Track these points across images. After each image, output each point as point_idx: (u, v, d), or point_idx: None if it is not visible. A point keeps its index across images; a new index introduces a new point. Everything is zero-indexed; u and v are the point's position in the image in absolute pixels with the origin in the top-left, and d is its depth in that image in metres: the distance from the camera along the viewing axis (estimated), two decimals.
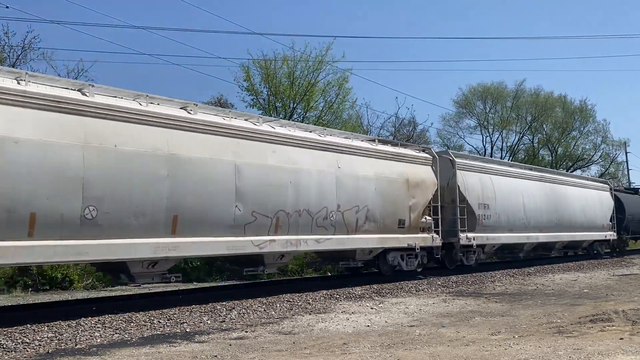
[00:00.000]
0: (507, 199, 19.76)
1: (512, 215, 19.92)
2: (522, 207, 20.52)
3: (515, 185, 20.65)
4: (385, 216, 14.72)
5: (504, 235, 19.55)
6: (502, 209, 19.34)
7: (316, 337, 8.05)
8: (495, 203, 19.02)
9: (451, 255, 17.83)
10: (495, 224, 19.01)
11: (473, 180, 18.43)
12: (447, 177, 17.54)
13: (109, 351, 7.17)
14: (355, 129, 26.46)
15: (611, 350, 6.46)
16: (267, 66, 24.69)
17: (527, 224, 20.71)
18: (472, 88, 43.08)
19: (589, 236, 25.40)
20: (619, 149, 49.29)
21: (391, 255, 15.37)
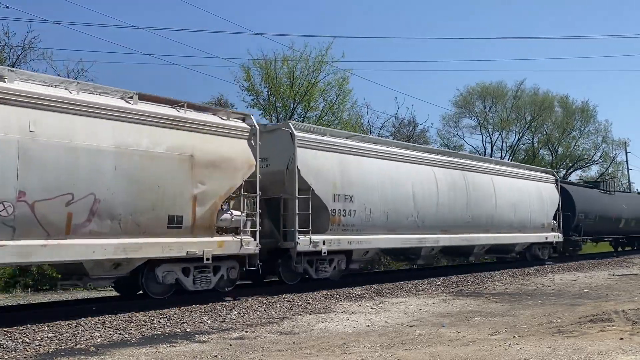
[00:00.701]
0: (385, 189, 14.98)
1: (394, 211, 15.12)
2: (412, 200, 15.73)
3: (400, 172, 15.75)
4: (138, 211, 10.00)
5: (380, 238, 14.74)
6: (375, 202, 14.63)
7: (316, 337, 8.05)
8: (363, 194, 14.30)
9: (290, 266, 13.32)
10: (364, 223, 14.32)
11: (327, 163, 13.75)
12: (288, 157, 13.21)
13: (109, 351, 7.17)
14: (356, 130, 26.47)
15: (611, 350, 6.46)
16: (267, 66, 24.71)
17: (420, 222, 15.96)
18: (471, 88, 43.11)
19: (522, 238, 20.76)
20: (619, 149, 49.34)
21: (162, 270, 10.72)
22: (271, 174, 13.24)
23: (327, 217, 13.53)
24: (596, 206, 27.25)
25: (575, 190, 26.23)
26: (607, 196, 29.20)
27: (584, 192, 27.33)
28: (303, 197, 13.03)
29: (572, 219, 24.76)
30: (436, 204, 16.65)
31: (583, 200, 25.99)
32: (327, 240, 13.41)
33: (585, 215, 25.71)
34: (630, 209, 30.64)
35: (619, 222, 29.39)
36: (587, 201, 26.62)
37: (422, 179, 16.43)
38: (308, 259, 13.43)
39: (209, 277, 11.49)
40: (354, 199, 14.10)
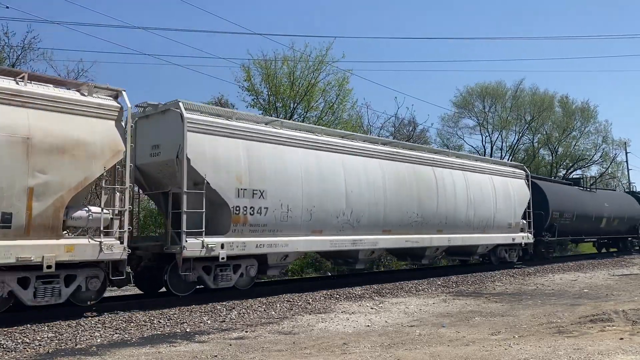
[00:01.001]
0: (310, 183, 12.97)
1: (320, 209, 13.08)
2: (344, 196, 13.68)
3: (331, 164, 13.65)
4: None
5: (302, 240, 12.71)
6: (296, 198, 12.61)
7: (316, 337, 8.05)
8: (279, 189, 12.33)
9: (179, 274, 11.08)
10: (280, 223, 12.31)
11: (229, 151, 11.65)
12: (178, 143, 11.06)
13: (109, 351, 7.18)
14: (356, 130, 26.46)
15: (611, 350, 6.46)
16: (268, 66, 24.68)
17: (354, 222, 13.89)
18: (471, 88, 43.06)
19: (484, 239, 18.58)
20: (619, 149, 49.32)
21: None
22: (162, 164, 11.30)
23: (229, 215, 11.46)
24: (573, 204, 25.04)
25: (548, 187, 24.06)
26: (587, 194, 27.31)
27: (559, 189, 25.20)
28: (195, 191, 10.97)
29: (545, 218, 22.60)
30: (376, 201, 14.51)
31: (558, 197, 23.86)
32: (227, 243, 11.32)
33: (560, 214, 23.65)
34: (613, 208, 28.50)
35: (599, 221, 27.32)
36: (563, 199, 24.44)
37: (359, 172, 14.25)
38: (204, 265, 11.41)
39: (58, 288, 9.27)
40: (266, 195, 12.09)
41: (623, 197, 31.81)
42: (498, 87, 42.35)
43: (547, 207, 22.66)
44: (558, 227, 23.26)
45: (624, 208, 30.09)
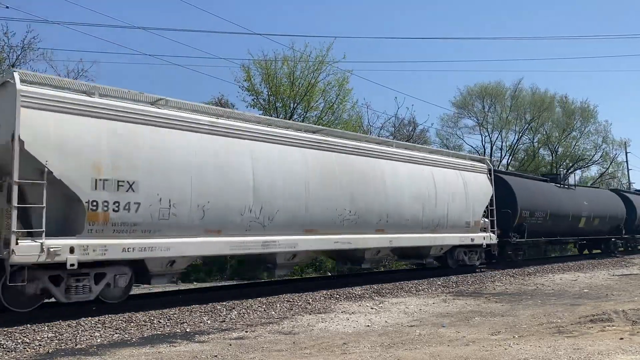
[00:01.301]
0: (204, 174, 10.95)
1: (217, 205, 11.08)
2: (251, 190, 11.66)
3: (232, 151, 11.61)
4: None
5: (191, 242, 10.70)
6: (182, 192, 10.57)
7: (316, 337, 8.05)
8: (158, 181, 10.25)
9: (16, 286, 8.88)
10: (158, 221, 10.20)
11: (84, 134, 9.52)
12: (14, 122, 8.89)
13: (109, 351, 7.18)
14: (356, 130, 26.46)
15: (611, 350, 6.46)
16: (268, 66, 24.69)
17: (265, 220, 11.85)
18: (470, 88, 43.09)
19: (436, 240, 16.41)
20: (619, 149, 49.35)
21: None
22: (2, 148, 9.17)
23: (83, 212, 9.31)
24: (547, 202, 22.82)
25: (517, 182, 21.69)
26: (564, 191, 25.28)
27: (531, 186, 22.80)
28: (32, 182, 8.88)
29: (513, 217, 20.43)
30: (296, 196, 12.48)
31: (528, 195, 21.70)
32: (79, 246, 9.17)
33: (530, 212, 21.44)
34: (593, 207, 26.49)
35: (577, 221, 25.35)
36: (535, 196, 22.22)
37: (273, 162, 12.23)
38: (52, 274, 9.30)
39: None
40: (137, 187, 9.92)
41: (606, 196, 29.92)
42: (497, 87, 42.38)
43: (515, 205, 20.58)
44: (528, 227, 21.17)
45: (606, 207, 28.20)
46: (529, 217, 21.38)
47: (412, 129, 33.32)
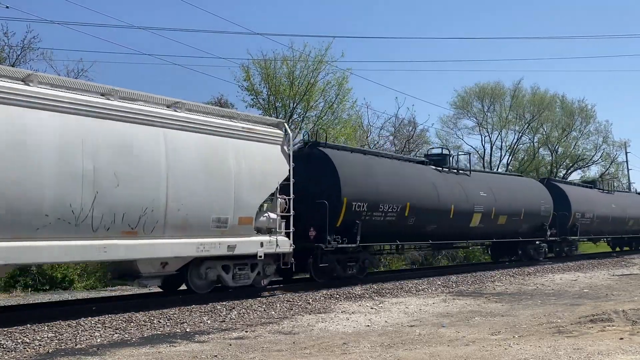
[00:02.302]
0: None
1: None
2: None
3: None
4: None
5: None
6: None
7: (316, 337, 8.05)
8: None
9: None
10: None
11: None
12: None
13: (109, 351, 7.18)
14: (356, 130, 26.46)
15: (611, 350, 6.46)
16: (267, 66, 24.69)
17: None
18: (469, 88, 43.07)
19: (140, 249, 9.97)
20: (619, 149, 49.34)
21: None
22: None
23: None
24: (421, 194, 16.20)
25: (350, 168, 14.37)
26: (452, 177, 18.34)
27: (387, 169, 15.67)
28: None
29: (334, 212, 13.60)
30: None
31: (368, 184, 14.60)
32: None
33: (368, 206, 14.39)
34: (490, 198, 19.32)
35: (469, 219, 18.38)
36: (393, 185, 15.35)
37: None
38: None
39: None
40: None
41: (523, 185, 23.14)
42: (497, 87, 42.37)
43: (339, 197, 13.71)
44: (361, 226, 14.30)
45: (521, 200, 21.20)
46: (367, 214, 14.47)
47: (412, 129, 33.32)
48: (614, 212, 28.63)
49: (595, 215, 26.50)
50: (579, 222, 25.13)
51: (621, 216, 29.34)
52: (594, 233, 27.58)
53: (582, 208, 25.43)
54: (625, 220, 29.89)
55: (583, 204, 25.69)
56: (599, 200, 27.91)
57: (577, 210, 24.91)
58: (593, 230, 26.95)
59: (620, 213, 29.28)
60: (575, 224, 24.90)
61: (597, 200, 27.56)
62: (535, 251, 23.10)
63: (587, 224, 25.90)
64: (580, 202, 25.52)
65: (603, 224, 27.52)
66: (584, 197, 26.45)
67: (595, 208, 26.68)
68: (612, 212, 28.45)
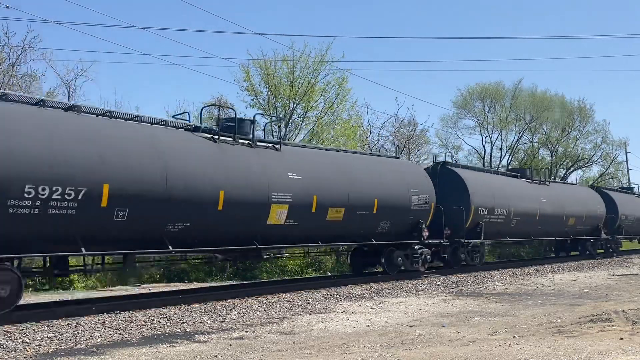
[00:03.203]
0: None
1: None
2: None
3: None
4: None
5: None
6: None
7: (316, 337, 8.05)
8: None
9: None
10: None
11: None
12: None
13: (109, 351, 7.18)
14: (356, 130, 26.44)
15: (611, 350, 6.46)
16: (267, 66, 24.68)
17: None
18: (470, 88, 43.04)
19: None
20: (619, 148, 49.32)
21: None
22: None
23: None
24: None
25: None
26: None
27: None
28: None
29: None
30: None
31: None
32: None
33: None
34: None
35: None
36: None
37: None
38: None
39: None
40: None
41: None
42: (497, 87, 42.36)
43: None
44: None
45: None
46: None
47: (412, 129, 33.30)
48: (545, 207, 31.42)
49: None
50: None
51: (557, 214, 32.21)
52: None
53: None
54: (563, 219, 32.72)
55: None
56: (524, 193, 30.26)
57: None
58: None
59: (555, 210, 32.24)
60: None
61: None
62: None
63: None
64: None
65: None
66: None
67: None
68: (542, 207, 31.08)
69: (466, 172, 19.93)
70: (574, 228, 25.32)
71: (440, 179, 18.37)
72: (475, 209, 18.79)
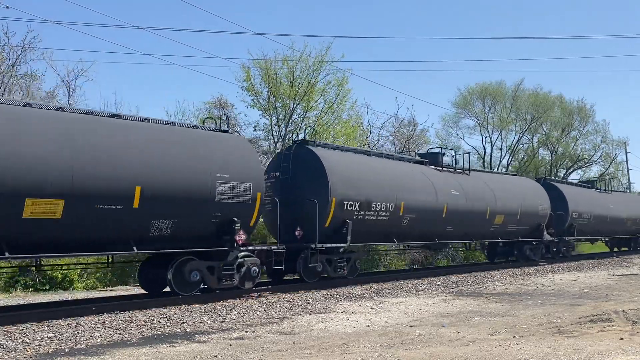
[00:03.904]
0: None
1: None
2: None
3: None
4: None
5: None
6: None
7: (316, 337, 8.05)
8: None
9: None
10: None
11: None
12: None
13: (109, 351, 7.17)
14: (356, 130, 26.43)
15: (611, 350, 6.46)
16: (267, 66, 24.68)
17: None
18: (471, 88, 43.06)
19: None
20: (619, 148, 49.31)
21: None
22: None
23: None
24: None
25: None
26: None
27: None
28: None
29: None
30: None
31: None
32: None
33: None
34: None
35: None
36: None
37: None
38: None
39: None
40: None
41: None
42: (498, 87, 42.36)
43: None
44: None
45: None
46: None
47: (412, 129, 33.31)
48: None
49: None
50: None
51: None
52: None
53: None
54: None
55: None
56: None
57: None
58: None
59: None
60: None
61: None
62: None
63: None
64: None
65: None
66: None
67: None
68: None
69: (329, 152, 14.73)
70: (503, 228, 20.21)
71: (294, 163, 14.20)
72: (338, 203, 13.87)
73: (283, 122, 24.01)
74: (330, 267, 14.35)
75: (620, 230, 29.52)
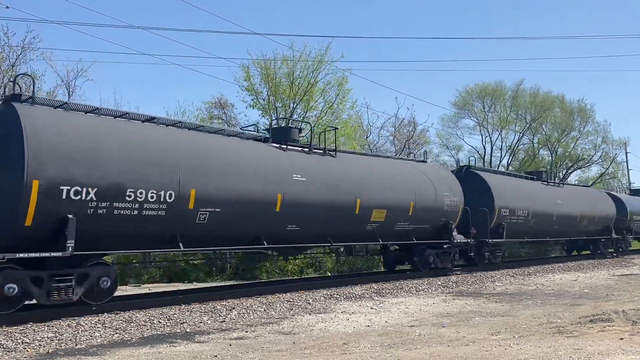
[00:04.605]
0: None
1: None
2: None
3: None
4: None
5: None
6: None
7: (316, 337, 8.05)
8: None
9: None
10: None
11: None
12: None
13: (109, 351, 7.17)
14: (356, 130, 26.46)
15: (611, 350, 6.46)
16: (267, 66, 24.69)
17: None
18: (470, 88, 43.03)
19: None
20: (619, 148, 49.30)
21: None
22: None
23: None
24: None
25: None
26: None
27: None
28: None
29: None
30: None
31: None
32: None
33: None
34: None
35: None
36: None
37: None
38: None
39: None
40: None
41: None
42: (498, 87, 42.35)
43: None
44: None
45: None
46: None
47: (412, 129, 33.33)
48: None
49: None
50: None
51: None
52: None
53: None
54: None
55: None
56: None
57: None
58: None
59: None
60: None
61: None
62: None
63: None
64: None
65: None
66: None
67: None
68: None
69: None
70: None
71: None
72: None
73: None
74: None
75: (572, 232, 24.93)
